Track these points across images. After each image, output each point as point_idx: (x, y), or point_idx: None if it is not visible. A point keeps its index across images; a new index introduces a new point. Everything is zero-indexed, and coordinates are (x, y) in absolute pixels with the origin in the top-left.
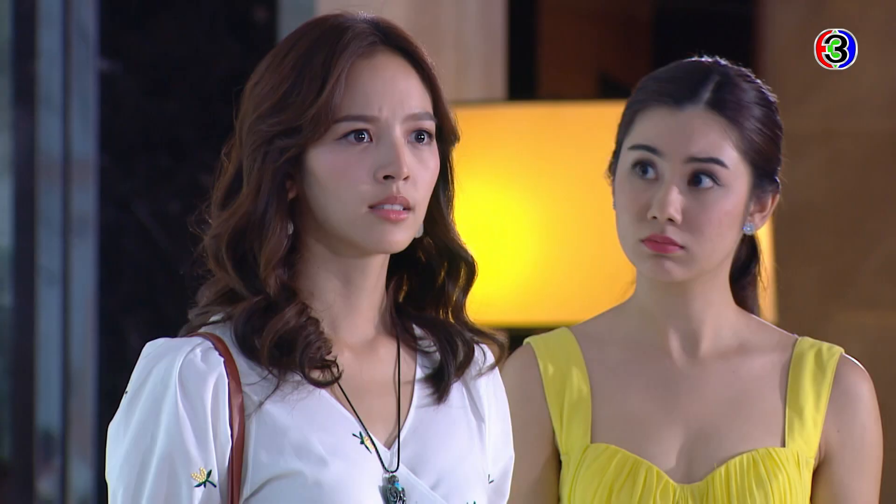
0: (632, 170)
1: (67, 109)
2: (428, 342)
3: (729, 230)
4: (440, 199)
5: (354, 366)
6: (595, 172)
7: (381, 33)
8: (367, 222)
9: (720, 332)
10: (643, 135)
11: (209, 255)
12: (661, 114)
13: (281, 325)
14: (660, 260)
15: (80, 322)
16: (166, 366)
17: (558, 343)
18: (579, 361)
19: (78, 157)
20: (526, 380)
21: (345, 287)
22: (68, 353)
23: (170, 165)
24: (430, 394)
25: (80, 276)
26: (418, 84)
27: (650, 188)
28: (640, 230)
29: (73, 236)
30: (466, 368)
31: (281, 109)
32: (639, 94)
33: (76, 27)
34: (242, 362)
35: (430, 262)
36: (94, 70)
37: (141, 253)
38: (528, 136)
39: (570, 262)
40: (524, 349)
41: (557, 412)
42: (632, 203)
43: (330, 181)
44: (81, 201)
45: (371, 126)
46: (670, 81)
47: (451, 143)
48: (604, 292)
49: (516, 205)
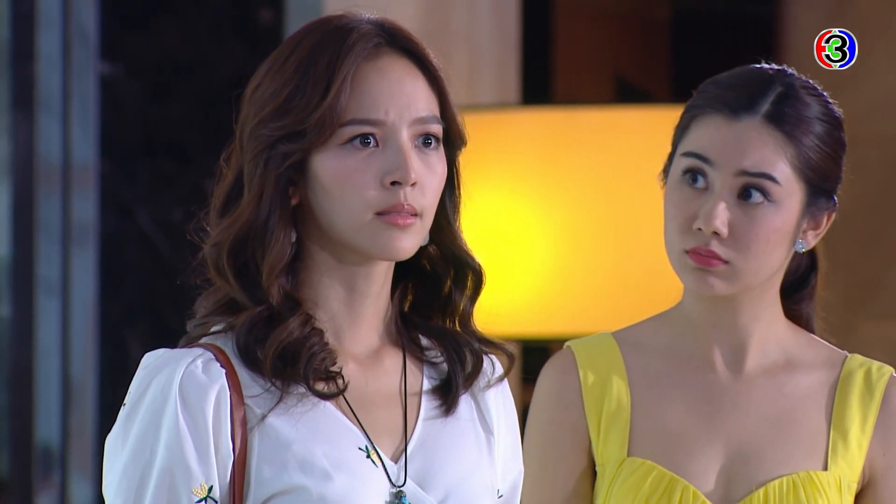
0: (682, 177)
1: (67, 113)
2: (435, 352)
3: (777, 247)
4: (446, 205)
5: (360, 377)
6: (612, 179)
7: (386, 34)
8: (374, 229)
9: (767, 347)
10: (696, 142)
11: (209, 264)
12: (716, 122)
13: (284, 336)
14: (703, 274)
15: (80, 333)
16: (166, 377)
17: (600, 349)
18: (620, 369)
19: (78, 163)
20: (564, 386)
21: (349, 295)
22: (68, 365)
23: (173, 171)
24: (438, 406)
25: (80, 286)
26: (425, 86)
27: (699, 198)
28: (685, 240)
29: (73, 244)
30: (475, 380)
31: (284, 113)
32: (697, 99)
33: (76, 28)
34: (245, 374)
35: (436, 270)
36: (94, 73)
37: (143, 261)
38: (542, 142)
39: (586, 271)
40: (564, 353)
41: (595, 422)
42: (679, 212)
43: (335, 187)
44: (81, 208)
45: (377, 130)
46: (730, 88)
47: (458, 147)
48: (620, 302)
49: (530, 212)
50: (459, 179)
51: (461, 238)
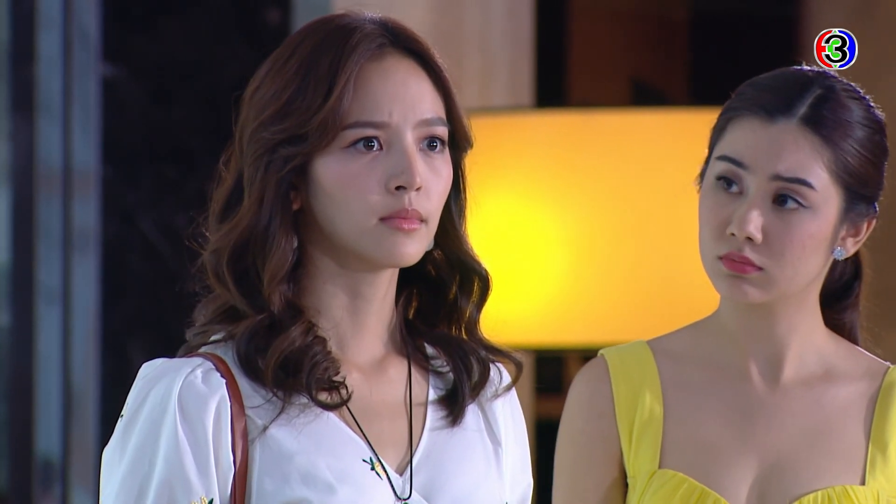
0: (716, 181)
1: (68, 117)
2: (441, 362)
3: (813, 254)
4: (452, 209)
5: (363, 387)
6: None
7: (390, 34)
8: (378, 234)
9: (805, 357)
10: (731, 146)
11: (209, 271)
12: (752, 125)
13: (286, 345)
14: (736, 281)
15: (82, 342)
16: (165, 388)
17: (634, 357)
18: (654, 379)
19: (79, 168)
20: (596, 395)
21: (352, 303)
22: (69, 376)
23: (176, 176)
24: (444, 416)
25: (81, 294)
26: (430, 88)
27: (733, 203)
28: (718, 246)
29: (74, 251)
30: (482, 389)
31: (285, 116)
32: (734, 101)
33: (77, 29)
34: (245, 384)
35: (442, 276)
36: (96, 75)
37: (146, 269)
38: (556, 146)
39: (601, 279)
40: (597, 362)
41: (627, 432)
42: (713, 217)
43: (338, 192)
44: (83, 214)
45: (381, 133)
46: (767, 91)
47: (464, 150)
48: (637, 311)
49: (544, 218)
50: (465, 183)
51: (467, 243)
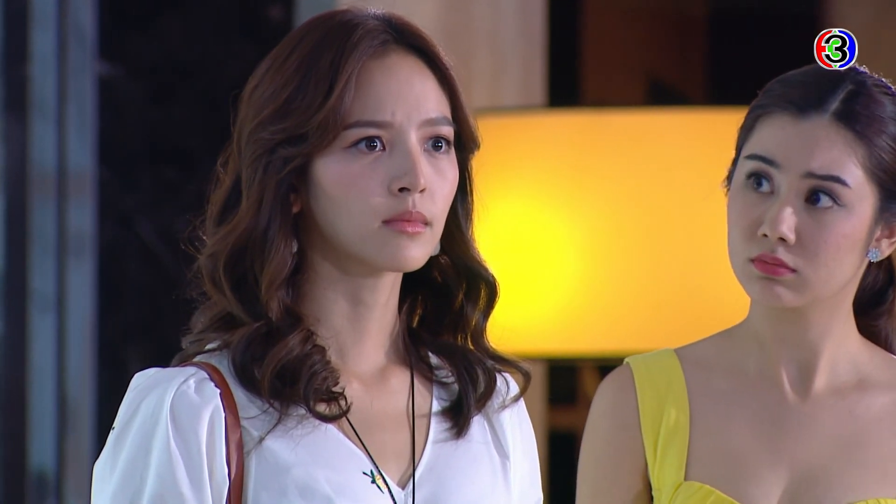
0: (746, 181)
1: (63, 117)
2: (445, 372)
3: (848, 255)
4: (458, 212)
5: (364, 397)
6: (644, 187)
7: (393, 31)
8: (381, 238)
9: (838, 365)
10: (761, 144)
11: (205, 276)
12: (782, 122)
13: (284, 354)
14: (769, 283)
15: (77, 352)
16: (157, 398)
17: (660, 365)
18: (681, 388)
19: (74, 170)
20: (621, 404)
21: (353, 310)
22: (63, 386)
23: (176, 178)
24: (448, 428)
25: (76, 302)
26: (435, 86)
27: (763, 203)
28: (749, 248)
29: (69, 257)
30: (488, 400)
31: (284, 115)
32: (763, 98)
33: (72, 27)
34: (241, 394)
35: (447, 283)
36: (92, 74)
37: (144, 275)
38: (570, 147)
39: (617, 285)
40: (622, 370)
41: (652, 443)
42: (743, 218)
43: (339, 194)
44: (78, 218)
45: (384, 133)
46: (797, 86)
47: (471, 150)
48: (655, 319)
49: (557, 222)
50: (472, 185)
51: (474, 248)
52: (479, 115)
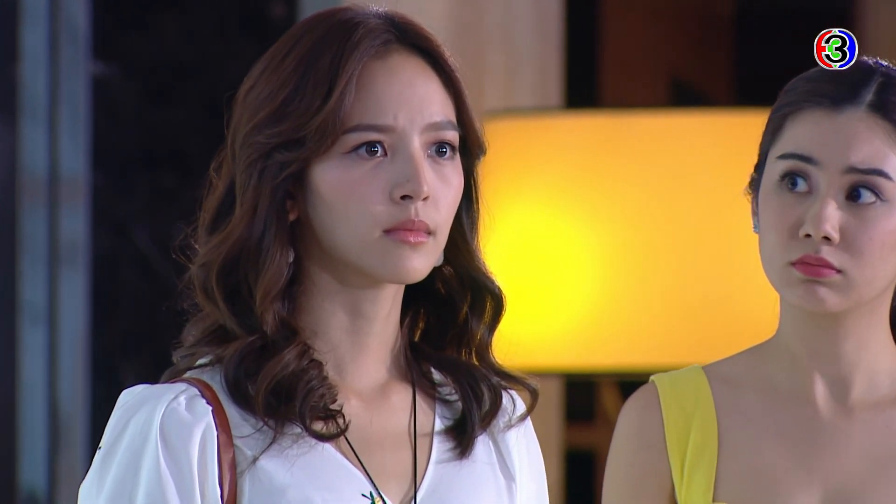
0: (780, 182)
1: (54, 120)
2: (449, 389)
3: (892, 253)
4: (463, 221)
5: (363, 415)
6: (667, 193)
7: (396, 30)
8: (381, 248)
9: (875, 378)
10: (794, 142)
11: (196, 287)
12: (815, 117)
13: (279, 370)
14: (812, 286)
15: (69, 366)
16: (146, 416)
17: (687, 383)
18: (708, 405)
19: (67, 175)
20: (646, 424)
21: (353, 323)
22: (55, 403)
23: (174, 184)
24: (452, 448)
25: (69, 314)
26: (440, 89)
27: (802, 203)
28: (789, 251)
29: (61, 267)
30: (493, 419)
31: (280, 118)
32: (788, 97)
33: (65, 24)
34: (234, 412)
35: (451, 295)
36: (85, 74)
37: (140, 285)
38: (588, 151)
39: (638, 297)
40: (647, 389)
41: (678, 463)
42: (781, 220)
43: (337, 201)
44: (71, 226)
45: (385, 137)
46: (827, 80)
47: (477, 156)
48: (678, 332)
49: (574, 231)
50: (478, 193)
51: (479, 259)
52: (492, 117)
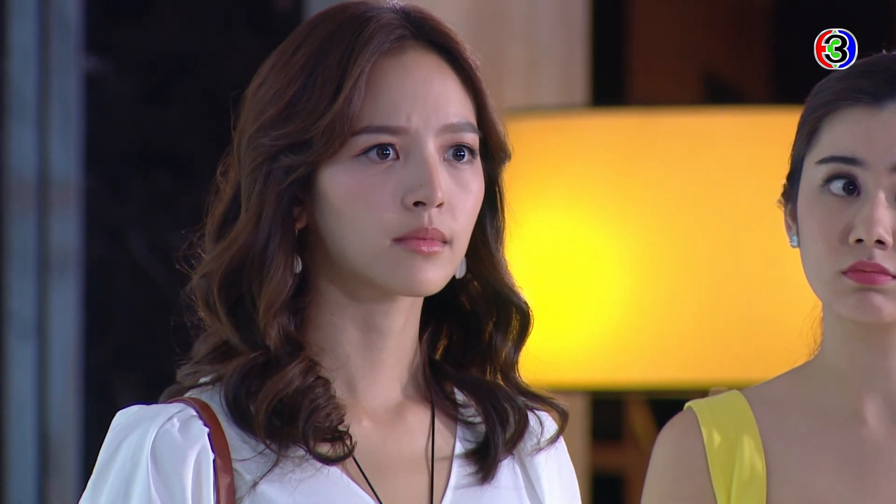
0: (822, 188)
1: (44, 119)
2: (472, 411)
3: None
4: (487, 230)
5: (375, 437)
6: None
7: (412, 25)
8: (392, 257)
9: None
10: (835, 144)
11: (198, 299)
12: (855, 115)
13: (282, 387)
14: (867, 294)
15: (60, 382)
16: (137, 439)
17: (727, 408)
18: (753, 430)
19: (57, 178)
20: (686, 452)
21: (364, 337)
22: (45, 422)
23: (172, 188)
24: (473, 472)
25: (59, 326)
26: (458, 88)
27: (849, 207)
28: (839, 259)
29: (52, 276)
30: (519, 442)
31: (287, 118)
32: (821, 97)
33: (56, 17)
34: (233, 434)
35: (476, 310)
36: (77, 70)
37: (136, 296)
38: (615, 152)
39: (670, 308)
40: (685, 415)
41: (724, 492)
42: (827, 227)
43: (346, 208)
44: (62, 232)
45: (397, 139)
46: (864, 76)
47: (500, 161)
48: (712, 347)
49: (601, 237)
50: (503, 200)
51: (505, 271)
52: (513, 116)
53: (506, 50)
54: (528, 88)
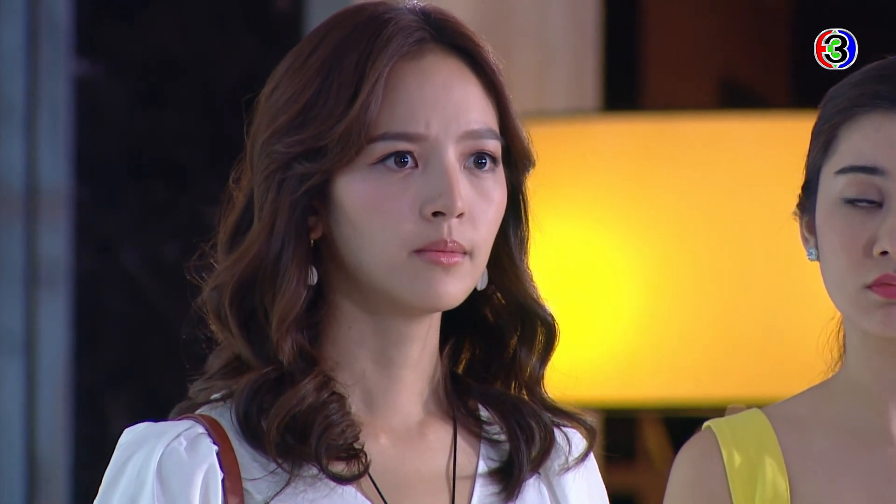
0: (842, 199)
1: (33, 125)
2: (496, 428)
3: None
4: (510, 241)
5: (394, 455)
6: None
7: (432, 27)
8: (410, 270)
9: None
10: (854, 153)
11: (209, 312)
12: (874, 122)
13: (294, 403)
14: (894, 309)
15: (49, 400)
16: (143, 457)
17: (748, 427)
18: (775, 450)
19: (46, 187)
20: (705, 473)
21: (383, 353)
22: (33, 442)
23: (166, 197)
24: (497, 492)
25: (48, 342)
26: (479, 93)
27: (872, 218)
28: (864, 273)
29: (40, 289)
30: (545, 460)
31: (302, 124)
32: (836, 104)
33: (45, 18)
34: (244, 452)
35: (500, 323)
36: (67, 73)
37: (128, 310)
38: (629, 159)
39: (685, 322)
40: (703, 435)
41: None
42: (850, 240)
43: (362, 218)
44: (51, 244)
45: (416, 147)
46: (880, 81)
47: (524, 169)
48: (731, 363)
49: (615, 248)
50: (527, 209)
51: (529, 282)
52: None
53: (514, 52)
54: (537, 92)
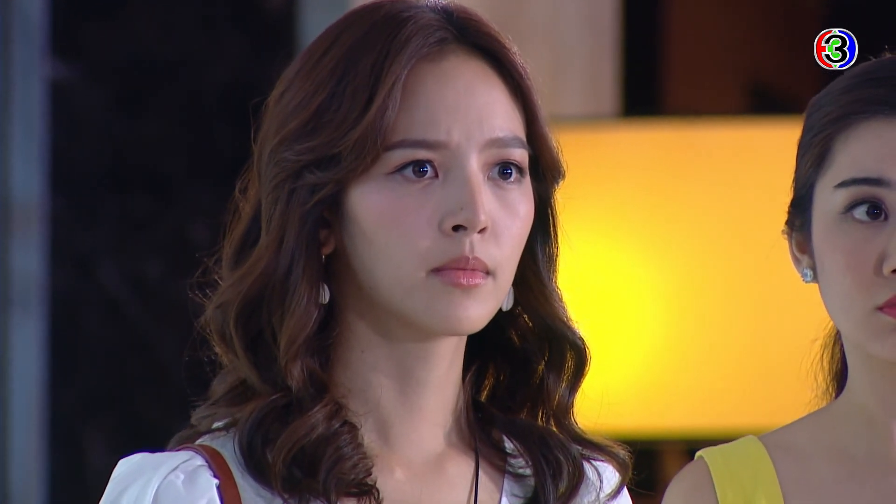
0: (843, 215)
1: (4, 132)
2: (522, 462)
3: None
4: (538, 258)
5: (410, 490)
6: (744, 217)
7: (454, 27)
8: (428, 291)
9: None
10: (854, 164)
11: (213, 333)
12: (873, 130)
13: (303, 434)
14: None
15: (22, 429)
16: (138, 491)
17: (742, 457)
18: (771, 481)
19: (19, 201)
20: None
21: (400, 381)
22: (6, 472)
23: (147, 211)
24: None
25: (21, 365)
26: (505, 98)
27: (878, 234)
28: (874, 294)
29: (13, 309)
30: (574, 497)
31: (313, 130)
32: (826, 113)
33: (17, 17)
34: (247, 486)
35: (526, 347)
36: (41, 76)
37: (107, 333)
38: (650, 168)
39: (710, 345)
40: (695, 466)
41: None
42: (855, 259)
43: (378, 233)
44: (24, 261)
45: (436, 155)
46: (875, 84)
47: (553, 180)
48: (758, 390)
49: (634, 264)
50: (556, 223)
51: (558, 303)
52: None
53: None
54: (551, 97)
